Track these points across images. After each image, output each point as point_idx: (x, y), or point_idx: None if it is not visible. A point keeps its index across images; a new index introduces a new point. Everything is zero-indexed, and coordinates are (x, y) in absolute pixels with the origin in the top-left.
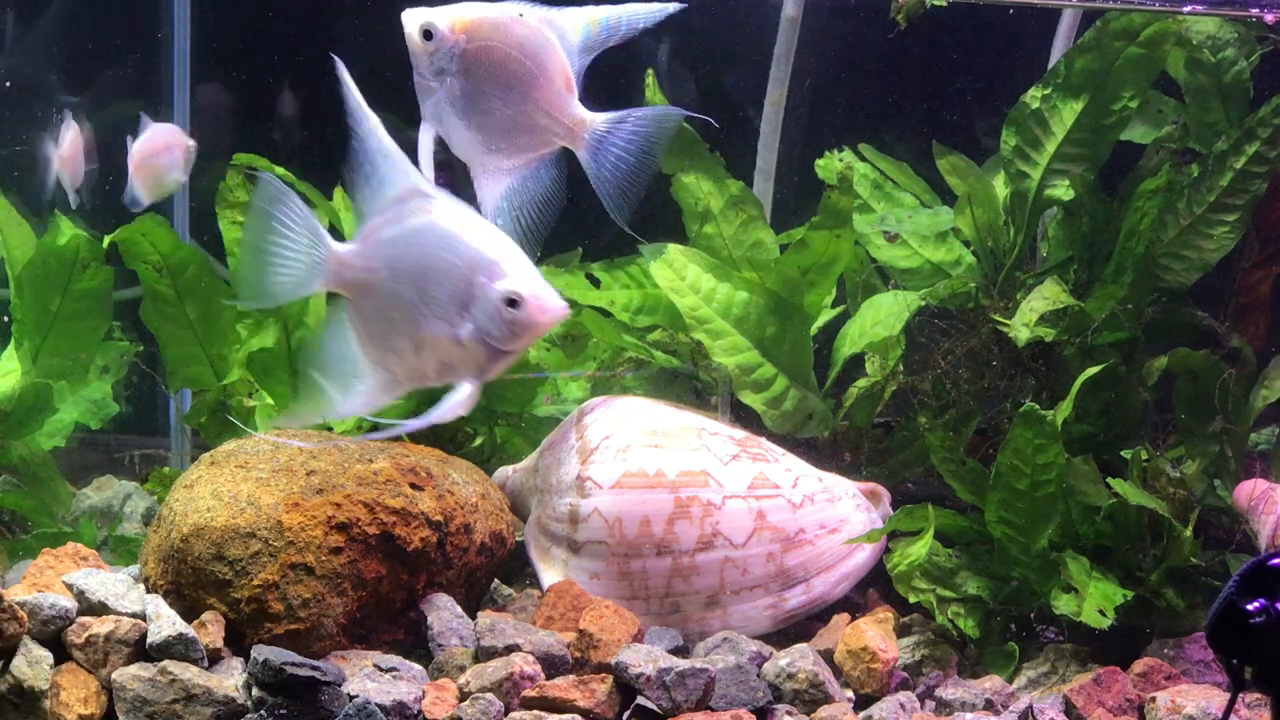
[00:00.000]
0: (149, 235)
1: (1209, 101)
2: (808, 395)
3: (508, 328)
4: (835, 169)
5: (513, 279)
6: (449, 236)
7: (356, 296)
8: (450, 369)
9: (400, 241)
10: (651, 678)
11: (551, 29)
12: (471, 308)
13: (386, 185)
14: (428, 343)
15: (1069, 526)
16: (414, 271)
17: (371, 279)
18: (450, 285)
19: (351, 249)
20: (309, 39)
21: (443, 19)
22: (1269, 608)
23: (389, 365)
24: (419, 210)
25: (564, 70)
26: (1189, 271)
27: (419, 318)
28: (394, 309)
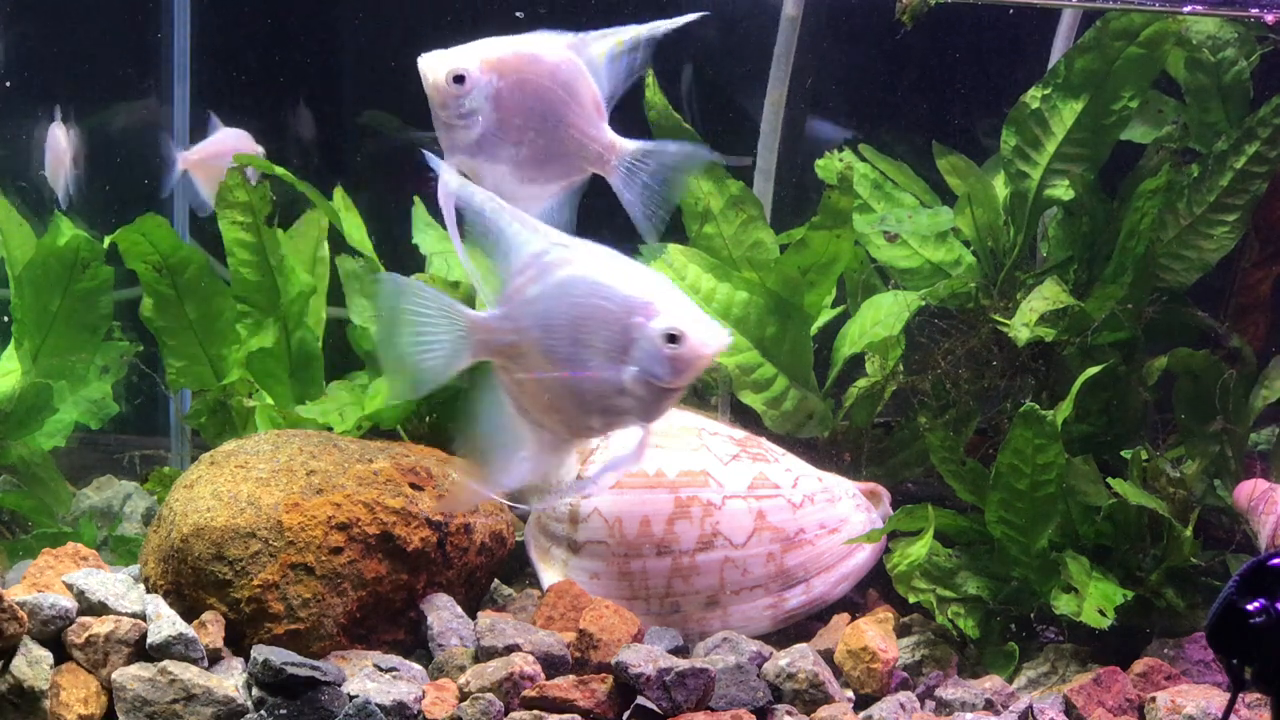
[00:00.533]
0: (149, 235)
1: (1209, 101)
2: (808, 395)
3: (671, 364)
4: (835, 169)
5: (670, 315)
6: (597, 283)
7: (507, 361)
8: (617, 416)
9: (546, 297)
10: (651, 678)
11: (579, 54)
12: (631, 350)
13: (516, 246)
14: (590, 394)
15: (1069, 526)
16: (566, 324)
17: (522, 340)
18: (606, 331)
19: (495, 315)
20: (309, 38)
21: (471, 60)
22: (1269, 608)
23: (551, 424)
24: (560, 262)
25: (594, 95)
26: (1189, 271)
27: (577, 370)
28: (549, 366)
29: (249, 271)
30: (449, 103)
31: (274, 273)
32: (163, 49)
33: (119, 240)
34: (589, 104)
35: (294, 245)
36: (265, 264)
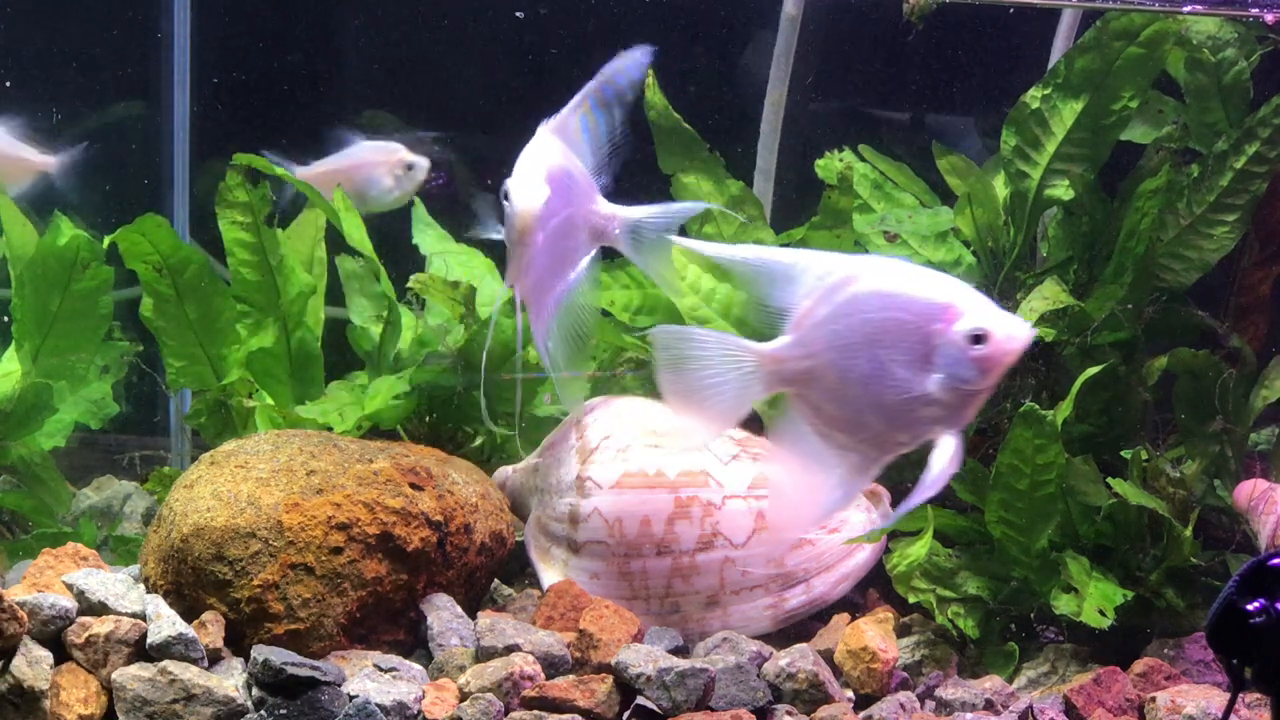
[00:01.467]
0: (149, 235)
1: (1209, 101)
2: None
3: (978, 366)
4: (835, 169)
5: (971, 315)
6: (891, 295)
7: (804, 388)
8: (925, 426)
9: (838, 317)
10: (651, 678)
11: (562, 135)
12: (934, 358)
13: (792, 275)
14: (895, 408)
15: (1069, 526)
16: (863, 342)
17: (817, 365)
18: (906, 343)
19: (786, 344)
20: (309, 38)
21: None
22: (1269, 608)
23: (857, 445)
24: (846, 280)
25: (585, 175)
26: (1189, 271)
27: (879, 387)
28: (848, 386)
29: (249, 271)
30: (534, 228)
31: (274, 273)
32: (163, 49)
33: (119, 240)
34: (585, 186)
35: (291, 245)
36: (265, 264)
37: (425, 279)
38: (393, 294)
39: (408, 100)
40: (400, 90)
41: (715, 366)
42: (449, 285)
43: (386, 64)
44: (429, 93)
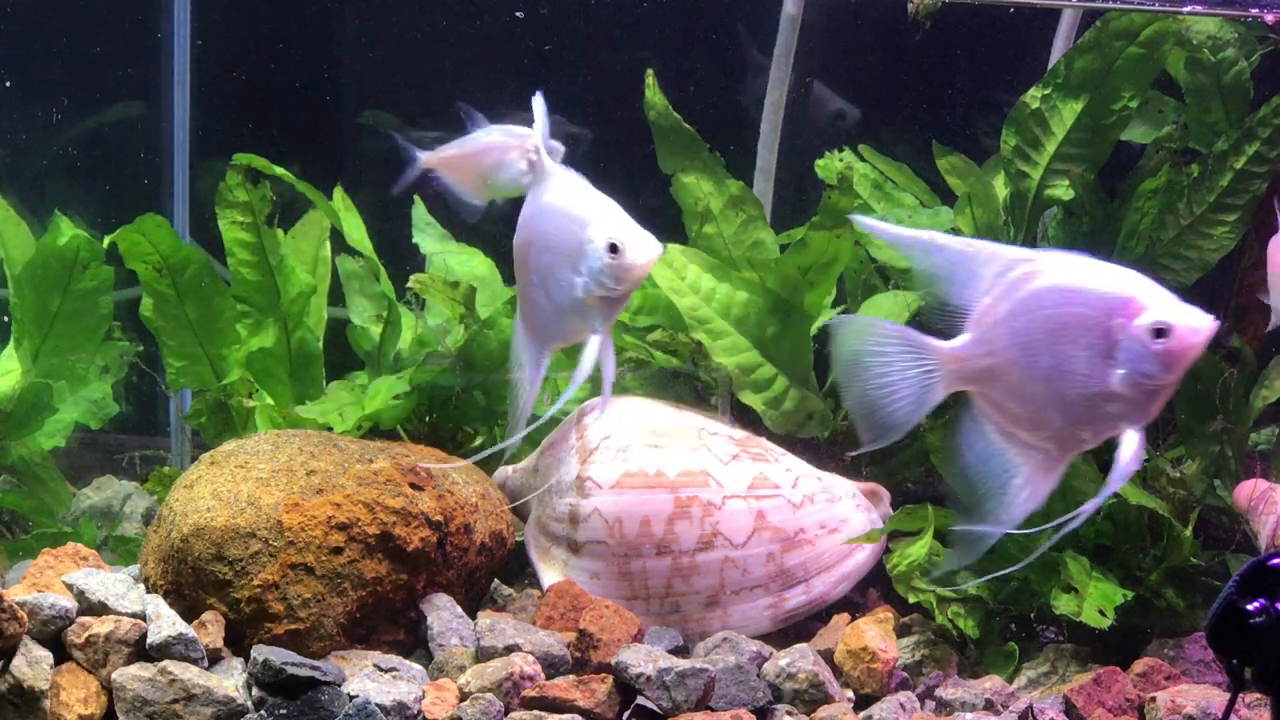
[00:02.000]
0: (149, 235)
1: (1209, 101)
2: (808, 395)
3: (1161, 360)
4: (835, 169)
5: (1153, 309)
6: (1071, 289)
7: (985, 387)
8: (1109, 422)
9: (1019, 314)
10: (651, 678)
11: None
12: (1117, 353)
13: (974, 271)
14: (1078, 405)
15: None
16: (1044, 339)
17: (998, 362)
18: (1088, 339)
19: (968, 342)
20: (309, 38)
21: None
22: (1269, 608)
23: (1041, 443)
24: (1028, 276)
25: None
26: (1189, 271)
27: (1062, 384)
28: (1031, 384)
29: (249, 271)
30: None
31: (274, 273)
32: (163, 49)
33: (119, 240)
34: None
35: (295, 245)
36: (265, 264)
37: (425, 279)
38: (393, 294)
39: (408, 100)
40: (400, 90)
41: (896, 364)
42: (449, 285)
43: (386, 64)
44: (429, 93)
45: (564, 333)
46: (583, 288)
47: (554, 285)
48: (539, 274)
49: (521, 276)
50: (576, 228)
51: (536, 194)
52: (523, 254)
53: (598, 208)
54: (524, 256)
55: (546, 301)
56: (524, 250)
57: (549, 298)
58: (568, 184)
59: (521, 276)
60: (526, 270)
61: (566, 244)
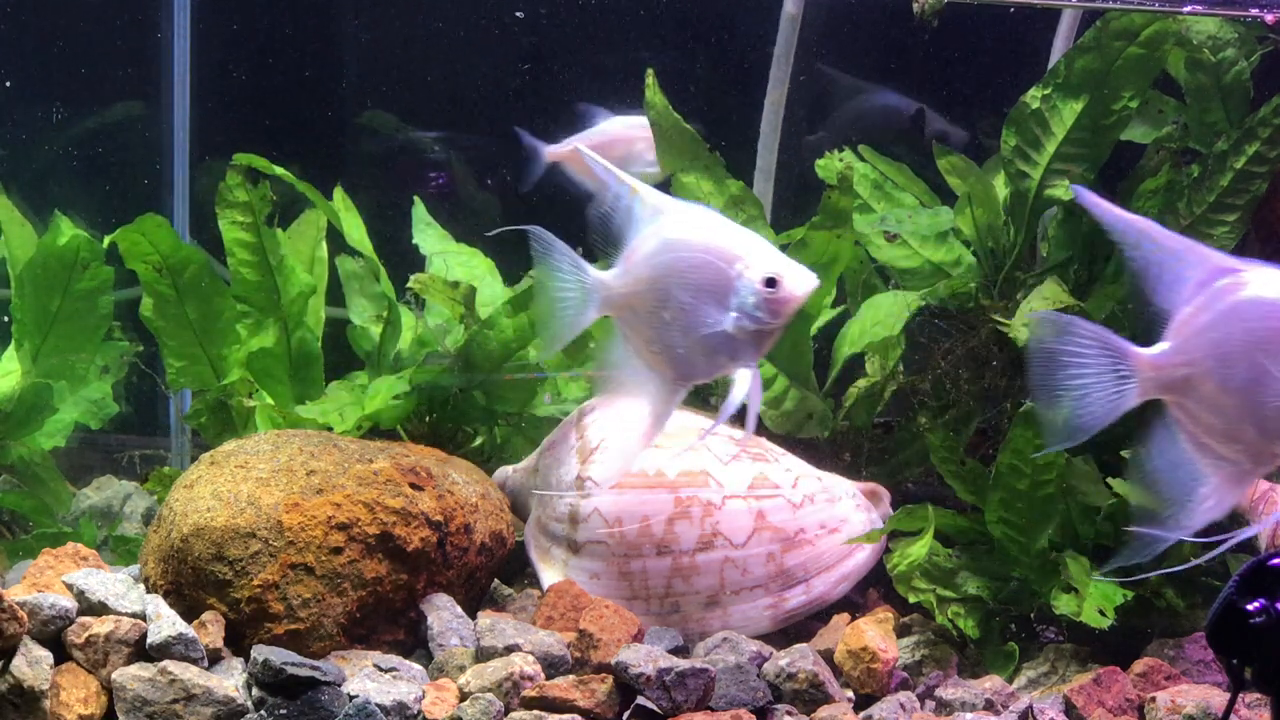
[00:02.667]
0: (149, 235)
1: (1209, 101)
2: (808, 395)
3: None
4: (835, 169)
5: None
6: (1275, 302)
7: (1180, 397)
8: None
9: (1219, 324)
10: (651, 678)
11: None
12: None
13: (1176, 279)
14: (1275, 418)
15: (1069, 526)
16: (1242, 350)
17: (1195, 373)
18: None
19: (1167, 350)
20: (309, 38)
21: None
22: (1269, 608)
23: (1234, 456)
24: (1233, 287)
25: None
26: None
27: (1259, 397)
28: (1227, 396)
29: (249, 271)
30: None
31: (274, 273)
32: (163, 49)
33: (119, 240)
34: None
35: (292, 245)
36: (265, 264)
37: (425, 279)
38: (393, 294)
39: (408, 100)
40: (400, 90)
41: (1091, 366)
42: (449, 285)
43: (386, 64)
44: (429, 93)
45: (708, 369)
46: (733, 323)
47: (696, 322)
48: (675, 311)
49: (646, 313)
50: (722, 263)
51: (657, 229)
52: (650, 290)
53: (745, 241)
54: (652, 293)
55: (685, 338)
56: (652, 286)
57: (689, 334)
58: (697, 217)
59: (646, 313)
60: (655, 307)
61: (710, 279)
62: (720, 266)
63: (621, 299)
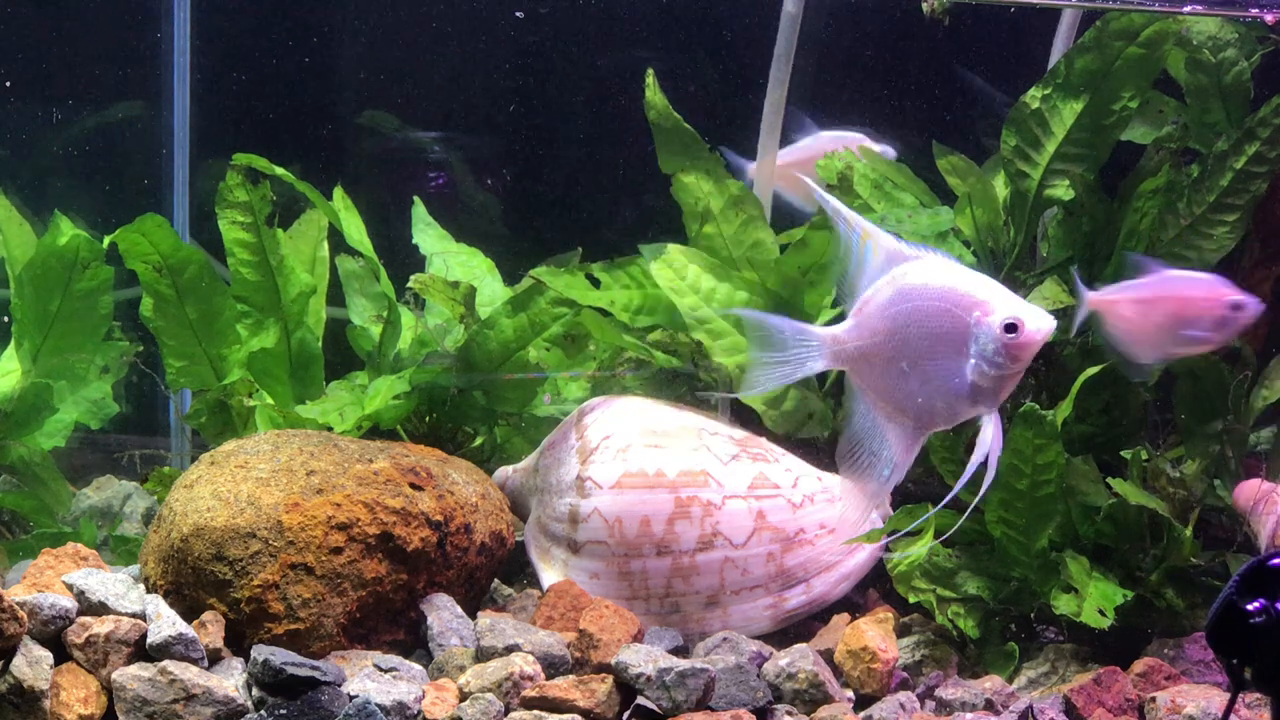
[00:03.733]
0: (149, 235)
1: (1209, 102)
2: (808, 395)
3: None
4: (835, 169)
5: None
6: None
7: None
8: None
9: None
10: (651, 678)
11: None
12: None
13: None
14: None
15: (1069, 526)
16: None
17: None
18: None
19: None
20: (309, 38)
21: None
22: (1269, 608)
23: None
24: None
25: None
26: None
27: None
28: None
29: (249, 271)
30: None
31: (274, 273)
32: (163, 49)
33: (119, 240)
34: None
35: (294, 245)
36: (265, 264)
37: (425, 279)
38: (393, 294)
39: (408, 100)
40: (400, 90)
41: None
42: (449, 285)
43: (386, 64)
44: (429, 93)
45: (948, 416)
46: (973, 370)
47: (934, 369)
48: (912, 358)
49: (883, 364)
50: (959, 310)
51: (891, 279)
52: (886, 341)
53: (981, 286)
54: (889, 344)
55: (924, 387)
56: (889, 338)
57: (928, 383)
58: (931, 264)
59: (883, 364)
60: (892, 357)
61: (947, 327)
62: (957, 314)
63: (856, 352)
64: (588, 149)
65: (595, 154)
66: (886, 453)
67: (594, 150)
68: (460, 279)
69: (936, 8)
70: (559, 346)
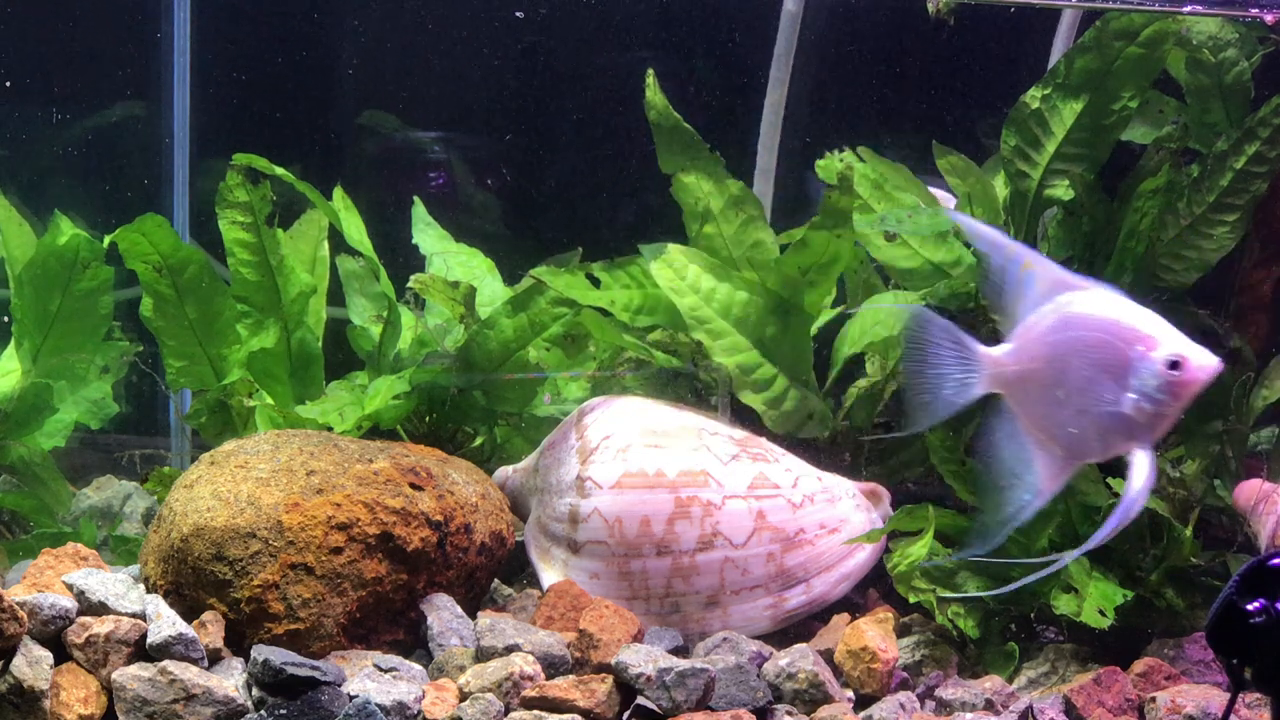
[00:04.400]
0: (149, 235)
1: (1210, 102)
2: (808, 395)
3: None
4: (835, 169)
5: None
6: None
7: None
8: None
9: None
10: (651, 678)
11: None
12: None
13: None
14: None
15: (1069, 526)
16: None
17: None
18: None
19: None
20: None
21: None
22: (1269, 608)
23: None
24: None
25: None
26: (1189, 271)
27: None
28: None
29: (249, 271)
30: None
31: (274, 273)
32: (163, 49)
33: (119, 240)
34: None
35: (294, 245)
36: (265, 264)
37: (425, 279)
38: (393, 294)
39: (408, 100)
40: (400, 90)
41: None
42: (449, 285)
43: (386, 64)
44: (429, 93)
45: (1101, 449)
46: (1131, 404)
47: (1092, 401)
48: (1070, 390)
49: (1039, 391)
50: (1122, 343)
51: (1056, 307)
52: (1046, 368)
53: (1146, 321)
54: (1047, 371)
55: (1079, 418)
56: (1048, 365)
57: (1084, 414)
58: (1097, 296)
59: (1039, 391)
60: (1050, 385)
61: (1109, 359)
62: (1120, 346)
63: (1014, 376)
64: (588, 149)
65: (595, 154)
66: (1030, 478)
67: (594, 150)
68: (460, 279)
69: (942, 7)
70: (559, 346)
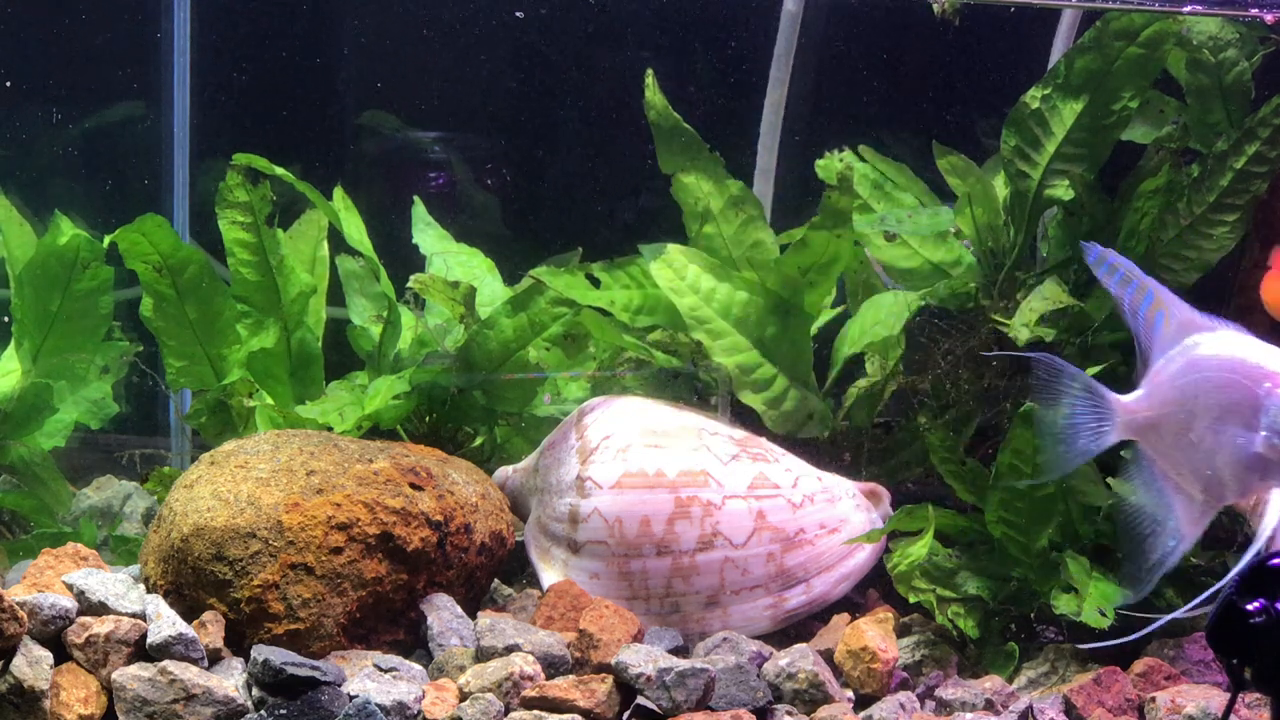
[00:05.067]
0: (149, 235)
1: (1210, 102)
2: (808, 395)
3: None
4: (835, 169)
5: None
6: None
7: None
8: None
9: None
10: (651, 678)
11: None
12: None
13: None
14: None
15: (1069, 526)
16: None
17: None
18: None
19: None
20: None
21: None
22: (1269, 608)
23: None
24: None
25: None
26: (1189, 271)
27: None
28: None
29: (249, 271)
30: None
31: (274, 273)
32: (163, 49)
33: (119, 240)
34: None
35: (294, 245)
36: (265, 264)
37: (425, 279)
38: (393, 294)
39: (408, 100)
40: (400, 90)
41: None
42: (449, 285)
43: (386, 64)
44: (429, 93)
45: (1238, 489)
46: (1263, 443)
47: (1223, 442)
48: (1201, 432)
49: (1172, 435)
50: (1249, 382)
51: (1184, 350)
52: (1176, 412)
53: (1274, 360)
54: (1178, 415)
55: (1212, 459)
56: (1178, 408)
57: (1216, 456)
58: (1223, 336)
59: (1172, 435)
60: (1181, 429)
61: (1237, 399)
62: (1248, 385)
63: (1147, 422)
64: (588, 149)
65: (595, 154)
66: (1172, 523)
67: (594, 150)
68: (460, 279)
69: (947, 7)
70: (559, 346)
